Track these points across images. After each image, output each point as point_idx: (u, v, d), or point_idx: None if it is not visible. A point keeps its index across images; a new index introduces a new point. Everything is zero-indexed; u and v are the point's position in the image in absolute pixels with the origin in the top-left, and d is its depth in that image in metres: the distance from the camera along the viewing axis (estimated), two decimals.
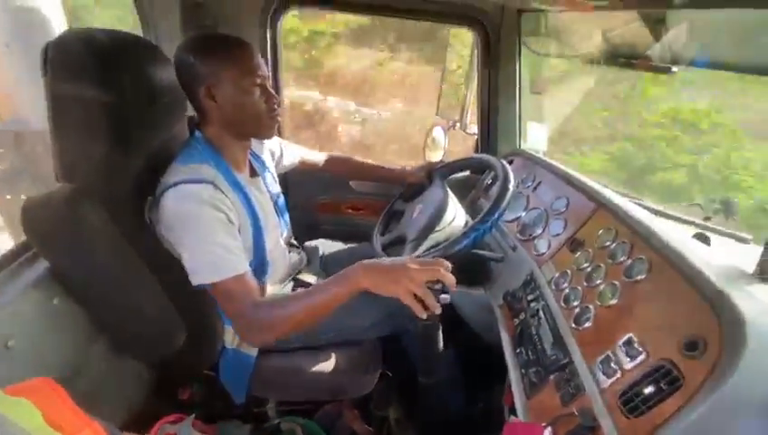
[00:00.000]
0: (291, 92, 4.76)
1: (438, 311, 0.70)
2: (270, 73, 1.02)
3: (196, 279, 0.77)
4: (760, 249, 0.64)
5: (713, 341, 0.51)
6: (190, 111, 0.94)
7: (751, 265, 0.66)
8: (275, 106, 0.90)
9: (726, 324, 0.51)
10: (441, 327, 0.88)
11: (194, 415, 0.87)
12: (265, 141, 1.14)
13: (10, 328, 0.67)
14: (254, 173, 1.01)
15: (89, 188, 0.74)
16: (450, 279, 0.70)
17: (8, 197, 2.01)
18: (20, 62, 1.80)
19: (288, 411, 1.03)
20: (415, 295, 0.69)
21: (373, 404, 1.18)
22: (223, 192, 0.82)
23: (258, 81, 0.86)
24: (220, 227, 0.78)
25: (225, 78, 0.83)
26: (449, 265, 0.71)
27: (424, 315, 0.70)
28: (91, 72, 0.72)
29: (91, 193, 0.74)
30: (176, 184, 0.79)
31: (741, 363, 0.47)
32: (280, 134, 1.45)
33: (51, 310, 0.73)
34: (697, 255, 0.65)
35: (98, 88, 0.72)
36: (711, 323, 0.53)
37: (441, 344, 0.89)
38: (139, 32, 1.19)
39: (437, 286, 0.70)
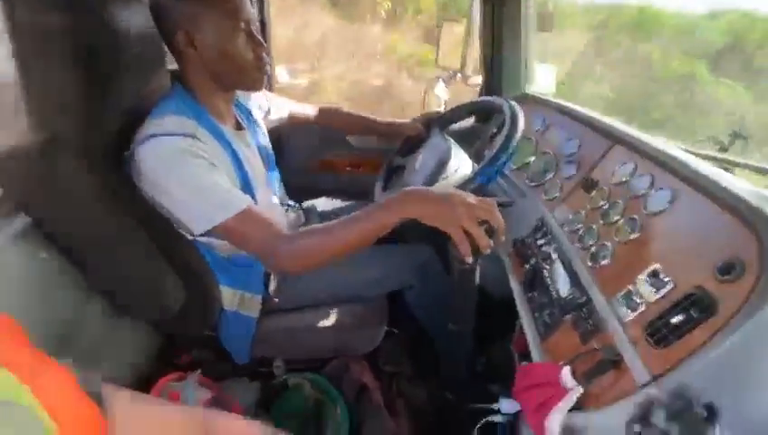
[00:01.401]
0: None
1: (488, 252, 0.64)
2: (258, 21, 0.94)
3: (199, 226, 0.72)
4: None
5: (751, 262, 0.47)
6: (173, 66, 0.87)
7: None
8: (262, 54, 0.82)
9: (767, 242, 0.47)
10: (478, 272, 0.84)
11: (199, 371, 0.85)
12: (253, 94, 1.06)
13: None
14: (239, 126, 0.95)
15: (66, 139, 0.68)
16: (501, 222, 0.63)
17: None
18: None
19: (295, 369, 1.02)
20: (465, 232, 0.62)
21: (381, 360, 1.17)
22: (203, 142, 0.76)
23: (243, 25, 0.78)
24: (206, 171, 0.73)
25: (206, 21, 0.75)
26: (500, 219, 0.64)
27: (470, 259, 0.64)
28: (62, 9, 0.64)
29: (69, 143, 0.69)
30: (151, 136, 0.72)
31: None
32: (270, 87, 1.37)
33: (39, 264, 0.69)
34: (726, 178, 0.60)
35: (70, 27, 0.65)
36: (748, 243, 0.48)
37: (476, 291, 0.85)
38: None
39: (484, 227, 0.64)
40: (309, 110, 1.22)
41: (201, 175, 0.72)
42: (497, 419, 0.90)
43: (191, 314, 0.88)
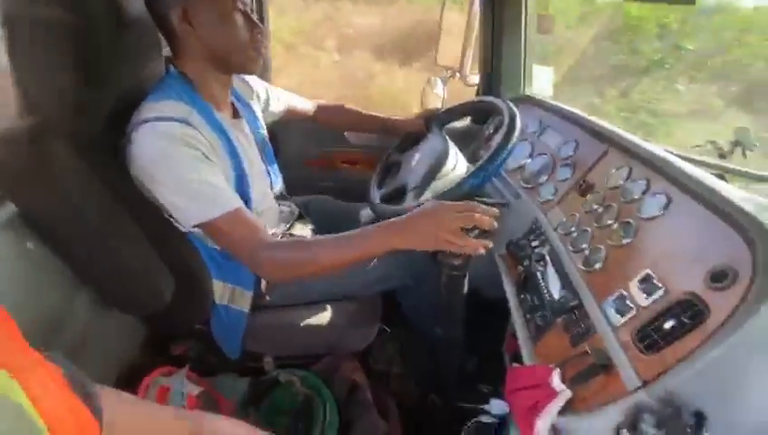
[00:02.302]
0: None
1: (481, 252, 0.66)
2: (254, 5, 0.93)
3: (185, 222, 0.73)
4: None
5: (744, 269, 0.47)
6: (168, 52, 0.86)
7: None
8: (259, 36, 0.82)
9: (760, 252, 0.47)
10: (467, 277, 0.85)
11: (187, 366, 0.84)
12: (251, 83, 1.05)
13: None
14: (236, 115, 0.94)
15: (56, 124, 0.67)
16: (486, 222, 0.65)
17: None
18: None
19: (285, 365, 1.01)
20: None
21: (372, 359, 1.17)
22: (198, 131, 0.75)
23: (240, 6, 0.78)
24: (197, 164, 0.72)
25: (203, 1, 0.74)
26: (484, 207, 0.66)
27: (481, 250, 0.66)
28: None
29: (59, 129, 0.67)
30: (145, 121, 0.72)
31: None
32: (267, 72, 1.35)
33: (25, 254, 0.68)
34: (720, 185, 0.60)
35: (61, 8, 0.63)
36: (741, 251, 0.49)
37: (464, 296, 0.86)
38: None
39: (474, 233, 0.66)
40: (309, 105, 1.21)
41: (193, 168, 0.71)
42: (486, 420, 0.91)
43: (182, 307, 0.87)
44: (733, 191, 0.61)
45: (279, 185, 1.08)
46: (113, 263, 0.75)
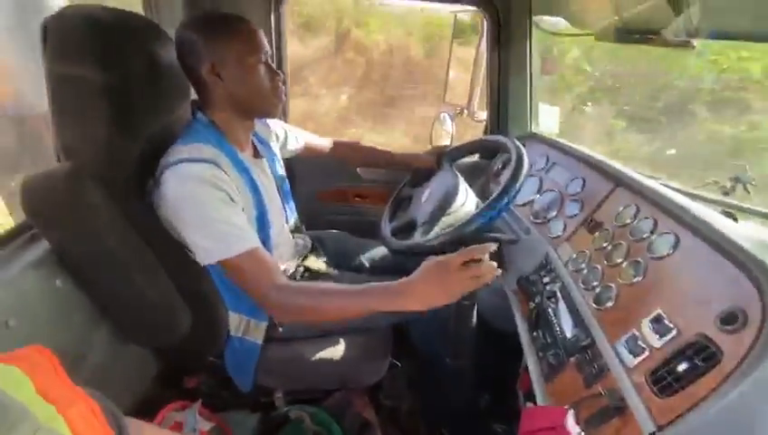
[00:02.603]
0: None
1: (498, 273, 0.69)
2: (274, 54, 0.99)
3: (205, 258, 0.76)
4: None
5: (753, 312, 0.47)
6: (193, 96, 0.92)
7: None
8: (280, 84, 0.88)
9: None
10: (476, 308, 0.86)
11: (200, 401, 0.85)
12: (270, 124, 1.11)
13: (11, 307, 0.65)
14: (257, 155, 0.99)
15: (90, 168, 0.72)
16: (490, 278, 0.68)
17: (12, 184, 1.98)
18: (21, 44, 1.75)
19: (296, 400, 1.01)
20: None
21: (383, 394, 1.16)
22: (225, 172, 0.80)
23: (263, 58, 0.85)
24: (222, 206, 0.76)
25: (230, 55, 0.82)
26: (478, 247, 0.69)
27: (490, 282, 0.69)
28: (91, 50, 0.70)
29: (93, 173, 0.72)
30: (176, 163, 0.77)
31: None
32: (285, 118, 1.42)
33: (53, 291, 0.71)
34: (727, 227, 0.61)
35: (98, 67, 0.70)
36: (749, 293, 0.49)
37: (474, 326, 0.87)
38: (140, 11, 1.16)
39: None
40: (325, 142, 1.27)
41: (217, 208, 0.75)
42: None
43: (198, 340, 0.89)
44: (739, 231, 0.62)
45: (294, 219, 1.12)
46: (134, 298, 0.78)
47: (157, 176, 0.79)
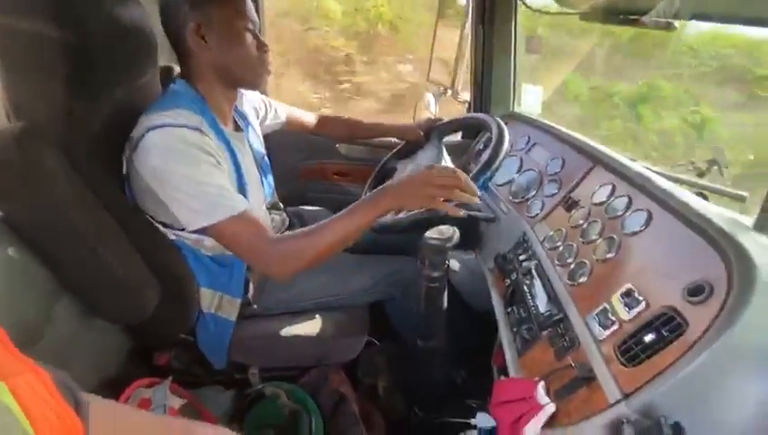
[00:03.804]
0: None
1: (462, 214, 0.75)
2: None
3: (195, 222, 0.73)
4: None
5: (719, 285, 0.48)
6: (162, 63, 0.87)
7: (749, 220, 0.64)
8: (266, 55, 0.85)
9: (735, 268, 0.48)
10: (447, 289, 0.86)
11: (170, 378, 0.82)
12: (251, 98, 1.07)
13: None
14: (238, 128, 0.96)
15: (45, 130, 0.67)
16: (462, 195, 0.72)
17: None
18: None
19: (272, 377, 1.00)
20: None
21: (360, 371, 1.16)
22: (210, 139, 0.77)
23: (250, 26, 0.82)
24: (211, 169, 0.74)
25: (218, 17, 0.78)
26: (468, 181, 0.74)
27: (461, 213, 0.75)
28: (43, 1, 0.64)
29: (48, 135, 0.67)
30: (158, 126, 0.73)
31: (749, 306, 0.45)
32: (264, 89, 1.37)
33: (4, 261, 0.67)
34: (698, 204, 0.62)
35: (51, 20, 0.64)
36: (717, 267, 0.50)
37: (445, 307, 0.87)
38: None
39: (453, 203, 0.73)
40: (308, 116, 1.23)
41: (206, 172, 0.73)
42: (473, 434, 0.90)
43: (168, 316, 0.86)
44: (711, 209, 0.63)
45: (272, 195, 1.09)
46: (98, 271, 0.74)
47: (135, 139, 0.75)
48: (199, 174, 0.73)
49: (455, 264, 1.20)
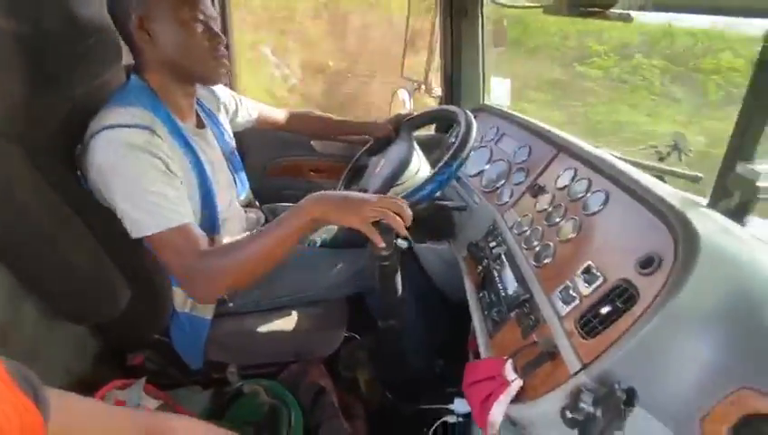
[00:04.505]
0: None
1: (389, 251, 0.69)
2: (218, 14, 0.94)
3: (135, 232, 0.71)
4: None
5: (667, 256, 0.51)
6: (128, 60, 0.85)
7: (704, 200, 0.67)
8: (220, 46, 0.81)
9: (681, 239, 0.51)
10: (399, 271, 0.86)
11: (145, 378, 0.81)
12: (219, 93, 1.06)
13: None
14: (201, 124, 0.94)
15: (4, 127, 0.65)
16: (399, 223, 0.67)
17: None
18: None
19: (250, 375, 0.99)
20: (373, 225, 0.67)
21: (341, 365, 1.16)
22: (161, 138, 0.74)
23: (200, 16, 0.78)
24: (156, 175, 0.71)
25: (160, 8, 0.75)
26: (409, 211, 0.69)
27: (382, 245, 0.68)
28: None
29: (8, 134, 0.65)
30: (106, 128, 0.71)
31: (693, 274, 0.47)
32: (232, 86, 1.36)
33: None
34: (653, 183, 0.65)
35: (12, 15, 0.63)
36: (666, 239, 0.53)
37: (399, 288, 0.87)
38: None
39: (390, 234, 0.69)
40: (278, 113, 1.22)
41: (149, 177, 0.70)
42: (452, 420, 0.92)
43: (139, 316, 0.85)
44: (665, 188, 0.66)
45: (246, 193, 1.08)
46: (63, 270, 0.72)
47: (85, 142, 0.73)
48: (141, 181, 0.70)
49: (428, 254, 1.22)
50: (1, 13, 0.62)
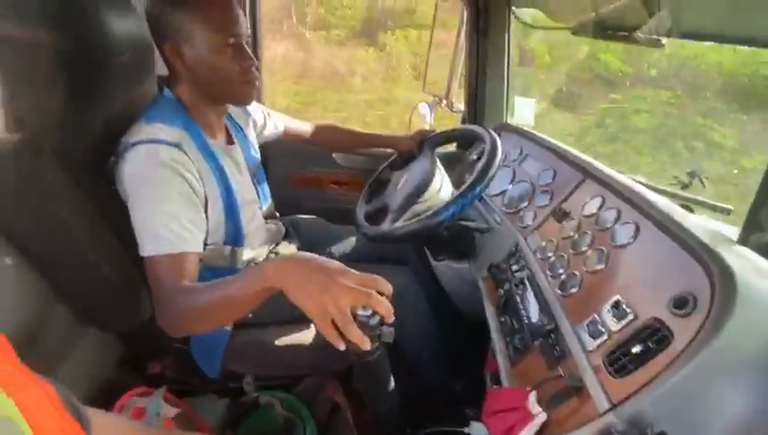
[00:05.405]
0: None
1: (367, 347, 0.52)
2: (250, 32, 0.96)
3: (141, 249, 0.72)
4: None
5: (703, 297, 0.50)
6: (160, 71, 0.88)
7: (734, 233, 0.66)
8: (250, 69, 0.82)
9: (717, 280, 0.50)
10: (388, 362, 0.76)
11: (164, 387, 0.82)
12: (249, 109, 1.08)
13: None
14: (230, 141, 0.96)
15: (42, 140, 0.68)
16: (385, 308, 0.53)
17: None
18: None
19: (266, 386, 1.00)
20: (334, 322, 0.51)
21: (354, 379, 1.16)
22: (189, 157, 0.76)
23: (232, 40, 0.79)
24: (176, 196, 0.72)
25: (194, 34, 0.77)
26: (390, 287, 0.55)
27: (341, 346, 0.52)
28: (43, 11, 0.65)
29: (46, 146, 0.68)
30: (136, 144, 0.73)
31: (732, 318, 0.46)
32: (259, 100, 1.38)
33: (3, 270, 0.67)
34: (684, 217, 0.64)
35: (52, 31, 0.65)
36: (701, 280, 0.52)
37: (390, 378, 0.80)
38: None
39: (373, 321, 0.53)
40: (304, 126, 1.24)
41: (166, 197, 0.72)
42: None
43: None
44: (695, 222, 0.65)
45: (267, 205, 1.09)
46: (93, 279, 0.74)
47: (118, 155, 0.76)
48: (157, 199, 0.70)
49: (448, 272, 1.21)
50: (45, 31, 0.65)
